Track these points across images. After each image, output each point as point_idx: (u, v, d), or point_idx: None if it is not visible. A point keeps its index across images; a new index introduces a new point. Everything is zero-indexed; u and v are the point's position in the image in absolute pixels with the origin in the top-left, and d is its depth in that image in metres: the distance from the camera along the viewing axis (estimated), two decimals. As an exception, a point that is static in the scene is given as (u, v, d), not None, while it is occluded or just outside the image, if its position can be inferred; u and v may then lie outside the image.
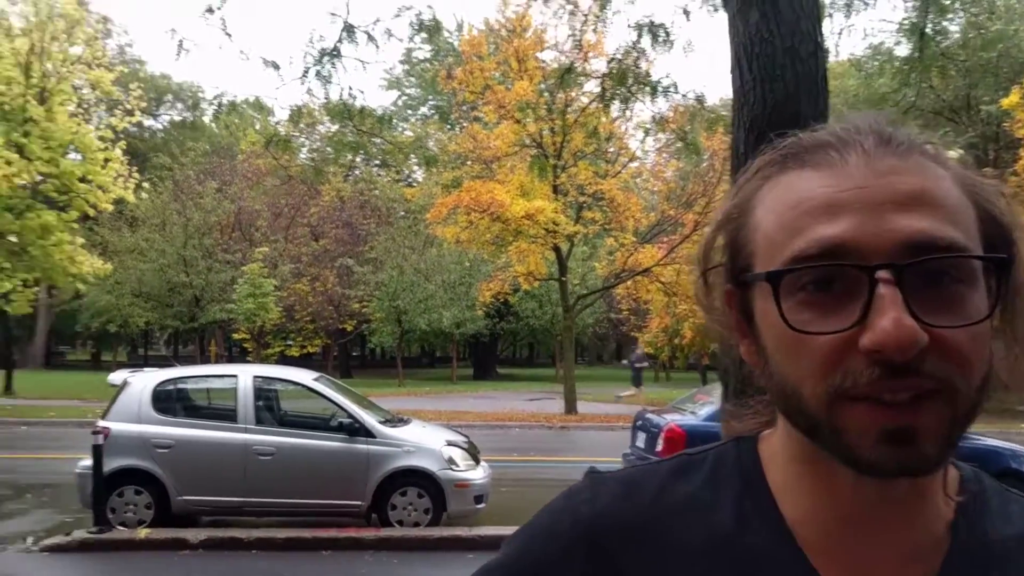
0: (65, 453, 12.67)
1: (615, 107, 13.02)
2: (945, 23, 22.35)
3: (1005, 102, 22.73)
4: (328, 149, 46.04)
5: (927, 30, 8.79)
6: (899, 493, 0.70)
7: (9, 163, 18.78)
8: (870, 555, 0.72)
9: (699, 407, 9.86)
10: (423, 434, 9.15)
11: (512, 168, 22.58)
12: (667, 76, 9.31)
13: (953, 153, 0.74)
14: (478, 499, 8.62)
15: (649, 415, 10.27)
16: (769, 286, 0.68)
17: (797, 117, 4.05)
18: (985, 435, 10.35)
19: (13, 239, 20.05)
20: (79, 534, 8.08)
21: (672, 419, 9.49)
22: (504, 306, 37.39)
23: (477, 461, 8.98)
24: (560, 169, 21.96)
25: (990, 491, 0.78)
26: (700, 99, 11.22)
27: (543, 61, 22.89)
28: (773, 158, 0.74)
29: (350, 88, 7.87)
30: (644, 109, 28.01)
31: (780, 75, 4.18)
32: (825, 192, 0.68)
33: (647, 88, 10.43)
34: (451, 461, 8.59)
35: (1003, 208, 0.72)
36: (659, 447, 9.05)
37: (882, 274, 0.64)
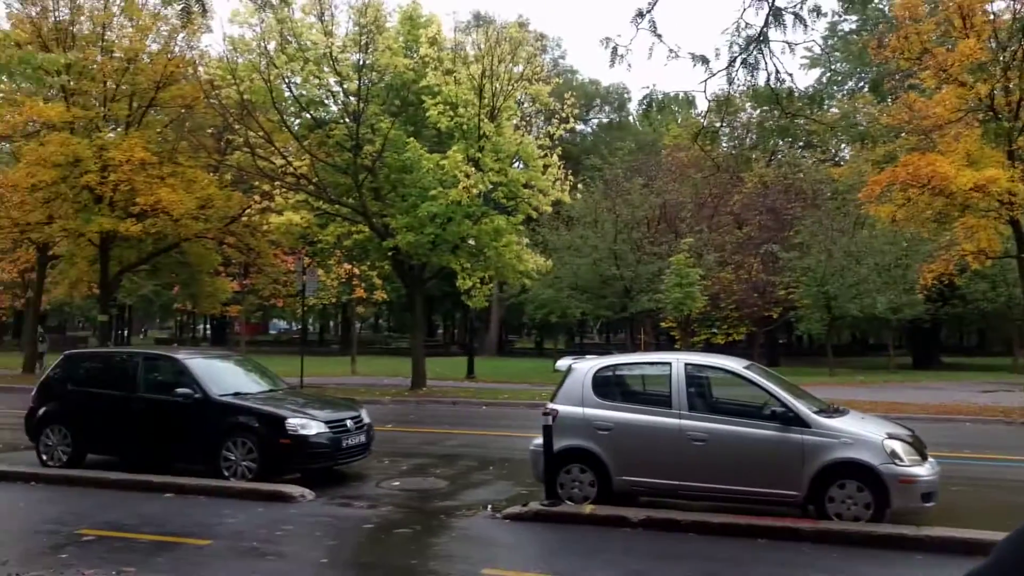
0: (518, 432, 14.12)
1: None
2: None
3: None
4: (750, 136, 45.56)
5: None
6: None
7: (468, 176, 21.27)
8: None
9: None
10: (862, 425, 8.70)
11: (956, 136, 20.49)
12: None
13: None
14: (926, 497, 8.00)
15: None
16: None
17: None
18: None
19: (472, 242, 22.71)
20: (534, 506, 8.96)
21: None
22: (948, 289, 34.02)
23: (924, 456, 8.33)
24: (1017, 132, 19.47)
25: None
26: None
27: (993, 13, 20.44)
28: None
29: (777, 72, 7.74)
30: None
31: None
32: None
33: None
34: (893, 455, 8.06)
35: None
36: None
37: None
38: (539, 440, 9.21)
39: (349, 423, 11.15)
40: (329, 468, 11.03)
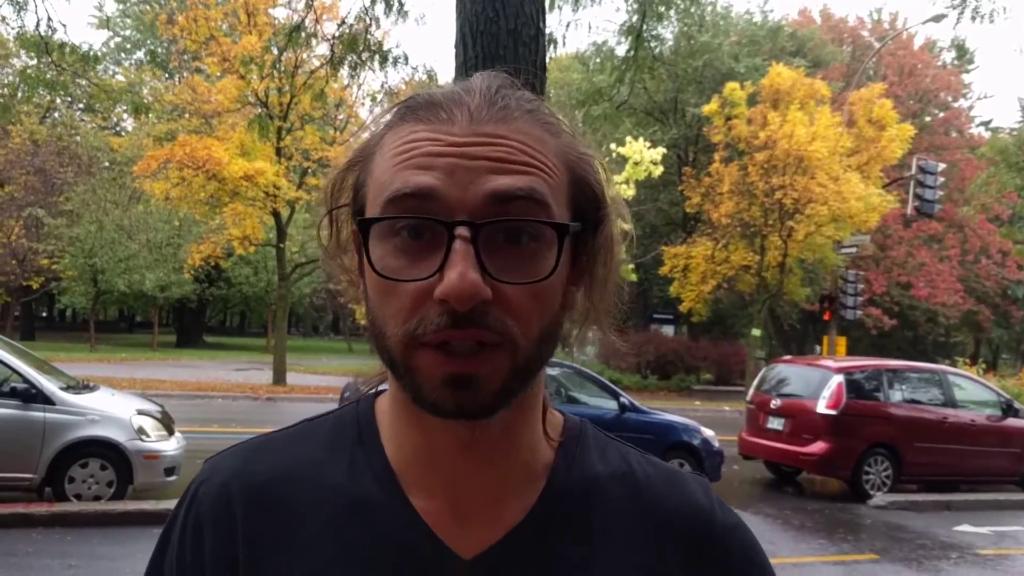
0: None
1: (344, 73, 12.78)
2: (660, 29, 24.16)
3: (706, 108, 25.02)
4: (22, 85, 41.23)
5: (643, 33, 9.39)
6: (487, 434, 0.76)
7: None
8: (467, 492, 0.78)
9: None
10: (111, 402, 8.44)
11: (233, 125, 21.49)
12: (397, 46, 9.25)
13: (565, 123, 0.79)
14: (169, 471, 8.10)
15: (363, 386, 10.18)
16: (368, 228, 0.73)
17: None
18: (664, 411, 11.39)
19: None
20: None
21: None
22: (215, 271, 35.62)
23: (171, 432, 8.44)
24: (285, 131, 21.23)
25: (591, 437, 0.87)
26: (431, 74, 11.27)
27: (275, 18, 21.97)
28: (398, 109, 0.77)
29: (48, 19, 7.05)
30: (376, 79, 27.78)
31: (502, 55, 4.23)
32: (428, 146, 0.72)
33: (377, 56, 10.28)
34: (141, 431, 8.00)
35: (597, 179, 0.78)
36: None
37: (460, 230, 0.69)
38: None
39: None
40: None
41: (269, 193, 20.48)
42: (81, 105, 42.22)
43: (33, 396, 7.78)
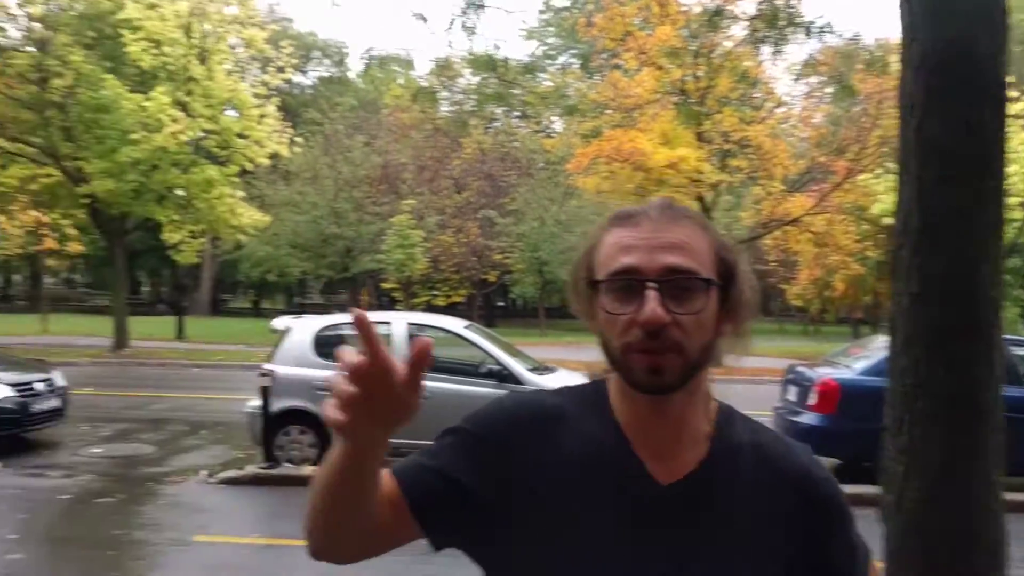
0: (233, 394, 13.55)
1: (764, 50, 12.55)
2: None
3: None
4: (469, 101, 46.56)
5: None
6: (670, 408, 1.21)
7: (175, 120, 19.84)
8: (662, 445, 1.23)
9: (854, 361, 9.55)
10: (571, 382, 9.22)
11: (654, 116, 22.17)
12: (821, 16, 8.91)
13: (711, 225, 1.25)
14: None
15: (801, 368, 10.02)
16: (598, 287, 1.20)
17: (971, 54, 3.78)
18: None
19: (181, 192, 21.23)
20: (251, 469, 8.68)
21: (826, 373, 9.23)
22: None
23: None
24: (704, 116, 21.43)
25: (736, 417, 1.32)
26: (857, 39, 10.68)
27: (685, 5, 22.26)
28: (610, 220, 1.25)
29: (495, 40, 7.89)
30: (793, 52, 26.83)
31: (953, 8, 3.93)
32: (627, 240, 1.19)
33: (800, 29, 10.00)
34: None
35: (730, 256, 1.23)
36: (812, 401, 8.83)
37: (650, 285, 1.15)
38: (256, 402, 8.92)
39: (39, 386, 10.14)
40: (15, 436, 9.95)
41: (693, 179, 20.84)
42: (517, 113, 46.41)
43: (505, 377, 8.82)
